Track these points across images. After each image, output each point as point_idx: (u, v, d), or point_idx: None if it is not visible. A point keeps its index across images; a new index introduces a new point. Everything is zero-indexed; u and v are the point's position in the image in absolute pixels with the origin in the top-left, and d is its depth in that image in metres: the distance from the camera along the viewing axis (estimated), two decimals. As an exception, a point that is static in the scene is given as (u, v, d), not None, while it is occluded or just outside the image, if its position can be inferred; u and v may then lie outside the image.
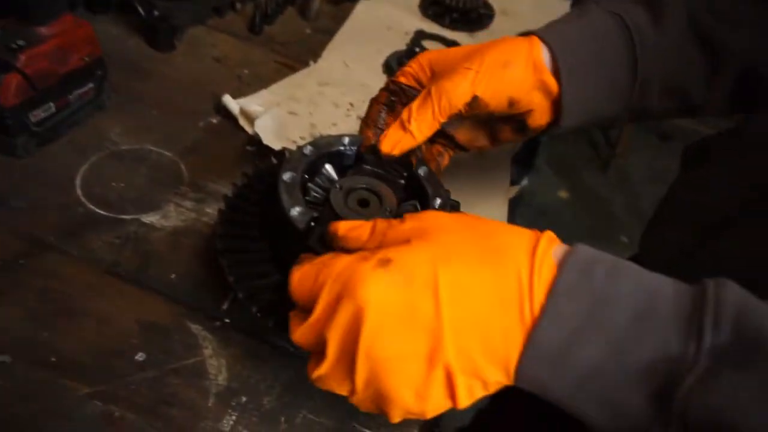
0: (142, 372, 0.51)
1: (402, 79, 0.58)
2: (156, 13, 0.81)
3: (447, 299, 0.36)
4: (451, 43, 1.01)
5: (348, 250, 0.42)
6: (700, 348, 0.33)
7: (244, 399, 0.52)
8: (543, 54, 0.56)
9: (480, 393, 0.38)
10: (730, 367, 0.32)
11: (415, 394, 0.37)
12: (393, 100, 0.58)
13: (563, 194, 2.42)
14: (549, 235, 0.39)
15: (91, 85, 0.69)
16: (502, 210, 0.75)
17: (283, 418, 0.51)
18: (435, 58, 0.57)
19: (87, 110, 0.70)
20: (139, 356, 0.52)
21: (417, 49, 0.96)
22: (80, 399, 0.49)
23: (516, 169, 0.83)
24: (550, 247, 0.37)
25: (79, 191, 0.64)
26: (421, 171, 0.56)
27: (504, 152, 0.83)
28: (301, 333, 0.40)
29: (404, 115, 0.54)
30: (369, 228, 0.42)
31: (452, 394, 0.37)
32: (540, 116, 0.58)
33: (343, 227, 0.43)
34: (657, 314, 0.34)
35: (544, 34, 0.57)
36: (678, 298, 0.35)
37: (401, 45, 0.98)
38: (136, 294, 0.57)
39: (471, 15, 1.06)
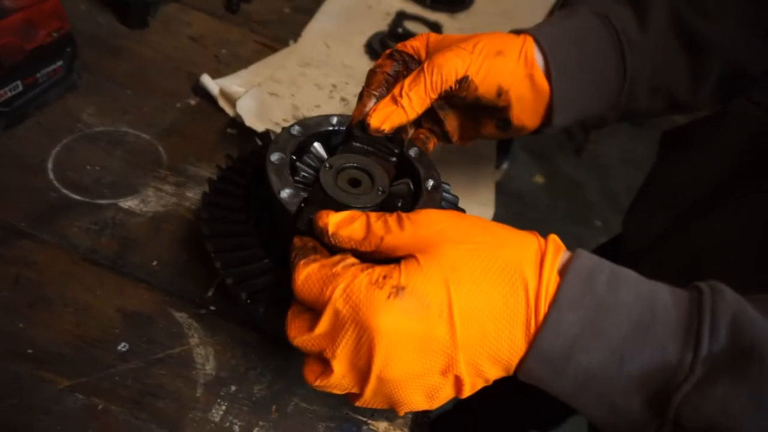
0: (125, 363, 0.49)
1: (404, 49, 0.57)
2: (128, -12, 0.77)
3: (461, 323, 0.36)
4: (432, 24, 1.00)
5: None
6: (697, 356, 0.34)
7: (233, 388, 0.50)
8: (535, 52, 0.56)
9: (481, 386, 0.40)
10: (724, 376, 0.33)
11: (425, 397, 0.39)
12: (398, 70, 0.56)
13: (539, 179, 2.44)
14: (554, 242, 0.39)
15: (60, 62, 0.66)
16: (490, 192, 0.74)
17: (274, 407, 0.50)
18: (434, 40, 0.57)
19: (57, 90, 0.67)
20: (122, 346, 0.50)
21: (399, 30, 0.95)
22: (60, 392, 0.46)
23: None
24: (556, 259, 0.38)
25: (51, 175, 0.60)
26: (412, 152, 0.55)
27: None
28: (302, 341, 0.39)
29: (396, 90, 0.53)
30: (362, 228, 0.40)
31: (459, 392, 0.39)
32: (525, 114, 0.58)
33: (333, 223, 0.41)
34: (656, 323, 0.35)
35: (535, 33, 0.57)
36: (676, 306, 0.36)
37: (382, 25, 0.96)
38: (116, 282, 0.54)
39: (453, -4, 1.05)
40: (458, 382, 0.38)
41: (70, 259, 0.55)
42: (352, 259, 0.39)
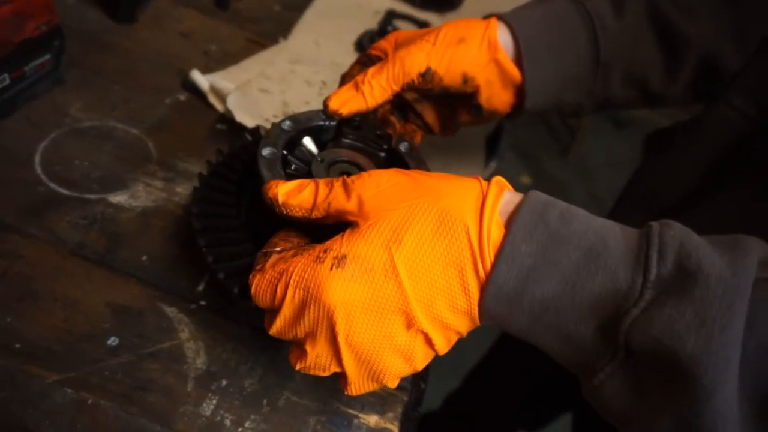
0: (115, 357, 0.49)
1: (373, 52, 0.59)
2: (117, -18, 0.77)
3: (408, 279, 0.37)
4: (422, 23, 1.00)
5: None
6: (646, 281, 0.35)
7: (224, 382, 0.50)
8: (500, 35, 0.57)
9: (455, 339, 0.41)
10: (671, 298, 0.34)
11: (403, 360, 0.40)
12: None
13: (525, 180, 2.46)
14: (497, 183, 0.40)
15: (48, 56, 0.65)
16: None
17: (265, 401, 0.50)
18: (402, 36, 0.58)
19: (44, 84, 0.66)
20: (112, 341, 0.50)
21: (389, 28, 0.95)
22: (49, 387, 0.46)
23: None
24: (498, 199, 0.38)
25: (38, 169, 0.60)
26: (402, 147, 0.55)
27: (478, 134, 0.83)
28: (276, 330, 0.41)
29: (359, 77, 0.54)
30: (311, 195, 0.41)
31: (433, 348, 0.40)
32: (496, 98, 0.59)
33: (282, 193, 0.42)
34: (607, 251, 0.36)
35: (506, 16, 0.58)
36: (626, 236, 0.37)
37: (371, 24, 0.96)
38: (106, 276, 0.54)
39: (442, -5, 1.05)
40: (428, 338, 0.39)
41: (58, 253, 0.54)
42: (290, 252, 0.41)
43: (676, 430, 0.35)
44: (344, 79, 0.58)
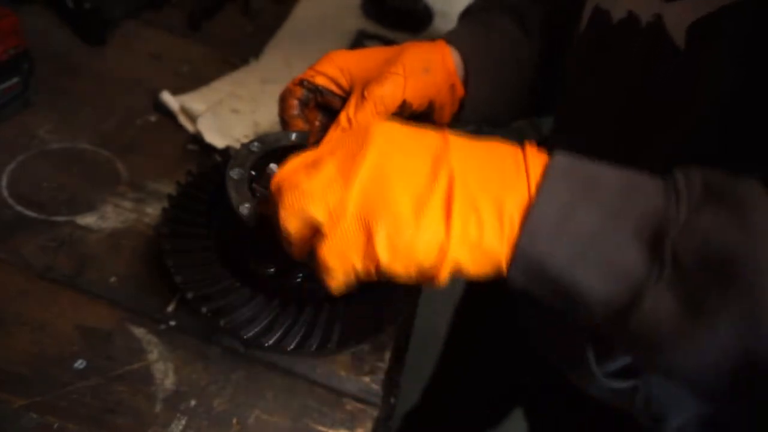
0: (83, 380, 0.49)
1: (319, 80, 0.58)
2: (87, 5, 0.77)
3: (454, 142, 0.40)
4: (391, 44, 1.02)
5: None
6: (679, 198, 0.37)
7: (193, 402, 0.50)
8: (454, 58, 0.62)
9: (473, 231, 0.37)
10: (706, 206, 0.36)
11: (415, 203, 0.37)
12: (309, 96, 0.58)
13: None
14: (532, 143, 0.42)
15: (16, 79, 0.65)
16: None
17: (234, 420, 0.50)
18: (350, 61, 0.59)
19: (13, 106, 0.66)
20: (79, 364, 0.50)
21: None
22: (14, 412, 0.46)
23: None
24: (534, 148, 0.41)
25: (5, 192, 0.60)
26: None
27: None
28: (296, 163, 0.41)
29: (344, 122, 0.55)
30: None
31: (447, 223, 0.37)
32: (445, 115, 0.64)
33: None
34: (641, 181, 0.39)
35: (454, 41, 0.63)
36: (653, 175, 0.40)
37: (343, 44, 0.98)
38: (74, 299, 0.54)
39: (412, 16, 1.08)
40: (449, 201, 0.37)
41: (25, 277, 0.54)
42: None
43: (737, 332, 0.34)
44: (287, 99, 0.58)
